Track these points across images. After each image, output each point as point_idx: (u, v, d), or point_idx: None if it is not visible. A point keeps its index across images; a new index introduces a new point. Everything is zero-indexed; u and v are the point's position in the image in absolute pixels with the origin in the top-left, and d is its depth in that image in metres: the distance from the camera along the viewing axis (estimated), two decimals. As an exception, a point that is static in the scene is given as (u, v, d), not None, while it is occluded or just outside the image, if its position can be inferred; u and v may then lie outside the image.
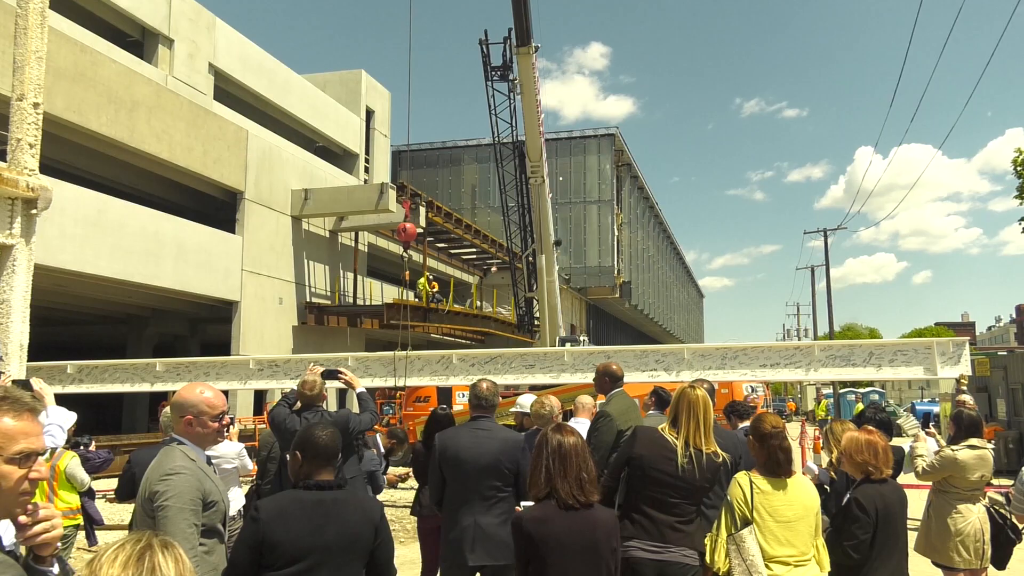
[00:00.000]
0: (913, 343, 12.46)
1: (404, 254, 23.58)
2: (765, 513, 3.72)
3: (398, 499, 13.50)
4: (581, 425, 5.87)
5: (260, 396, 24.49)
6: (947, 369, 11.92)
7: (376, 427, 8.42)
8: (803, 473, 5.08)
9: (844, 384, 58.16)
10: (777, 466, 3.82)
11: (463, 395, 19.39)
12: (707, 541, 3.84)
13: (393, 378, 14.93)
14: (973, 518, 5.38)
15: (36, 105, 7.95)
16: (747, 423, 6.37)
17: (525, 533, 3.26)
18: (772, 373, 12.94)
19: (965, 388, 11.21)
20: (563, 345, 29.28)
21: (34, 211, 7.99)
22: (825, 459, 5.57)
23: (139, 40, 23.49)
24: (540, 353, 15.97)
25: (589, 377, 14.35)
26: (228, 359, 17.47)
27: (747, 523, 3.70)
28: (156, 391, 16.62)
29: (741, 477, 3.84)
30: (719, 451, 3.93)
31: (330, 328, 27.08)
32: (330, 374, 6.29)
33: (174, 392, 3.88)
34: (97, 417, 24.04)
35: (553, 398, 6.28)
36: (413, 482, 7.49)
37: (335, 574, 3.15)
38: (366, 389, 6.21)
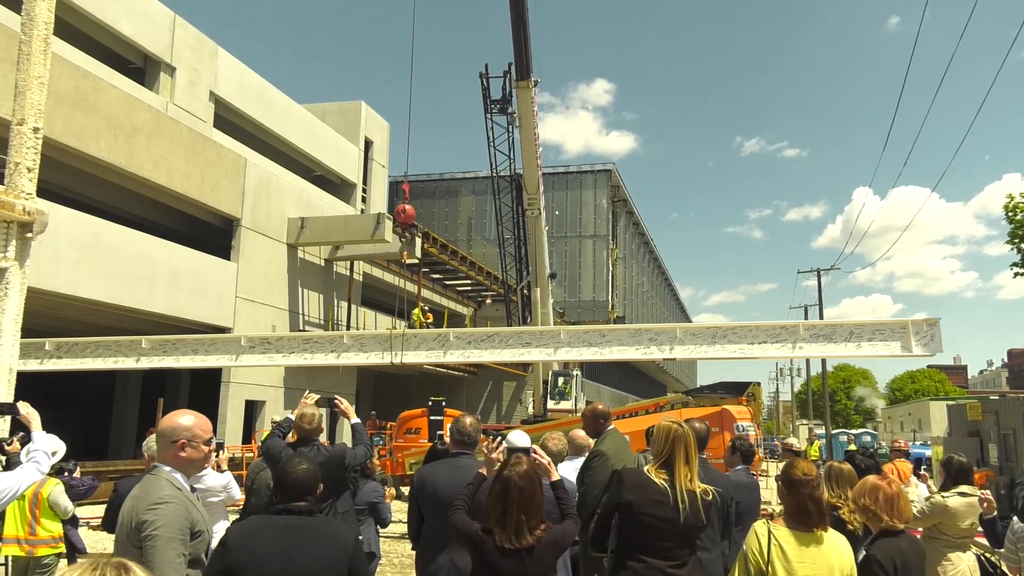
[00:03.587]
0: (890, 323, 13.29)
1: (403, 237, 23.48)
2: (781, 568, 3.39)
3: (389, 530, 13.30)
4: (575, 463, 5.82)
5: (249, 424, 24.32)
6: (921, 347, 12.71)
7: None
8: None
9: (836, 424, 58.02)
10: (807, 516, 3.46)
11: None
12: None
13: (390, 354, 14.92)
14: (963, 566, 5.34)
15: (36, 130, 7.98)
16: (745, 465, 6.28)
17: (471, 534, 3.55)
18: (760, 350, 13.59)
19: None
20: (556, 379, 29.28)
21: (29, 235, 7.98)
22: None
23: (141, 67, 23.68)
24: (536, 331, 16.31)
25: (585, 354, 14.59)
26: (218, 336, 17.44)
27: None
28: (142, 367, 16.45)
29: (759, 526, 3.54)
30: (708, 489, 3.81)
31: (322, 357, 26.94)
32: (325, 402, 6.18)
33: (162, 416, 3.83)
34: (83, 443, 23.81)
35: (559, 434, 6.20)
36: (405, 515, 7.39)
37: None
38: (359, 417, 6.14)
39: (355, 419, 5.99)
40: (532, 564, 3.43)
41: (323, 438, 5.76)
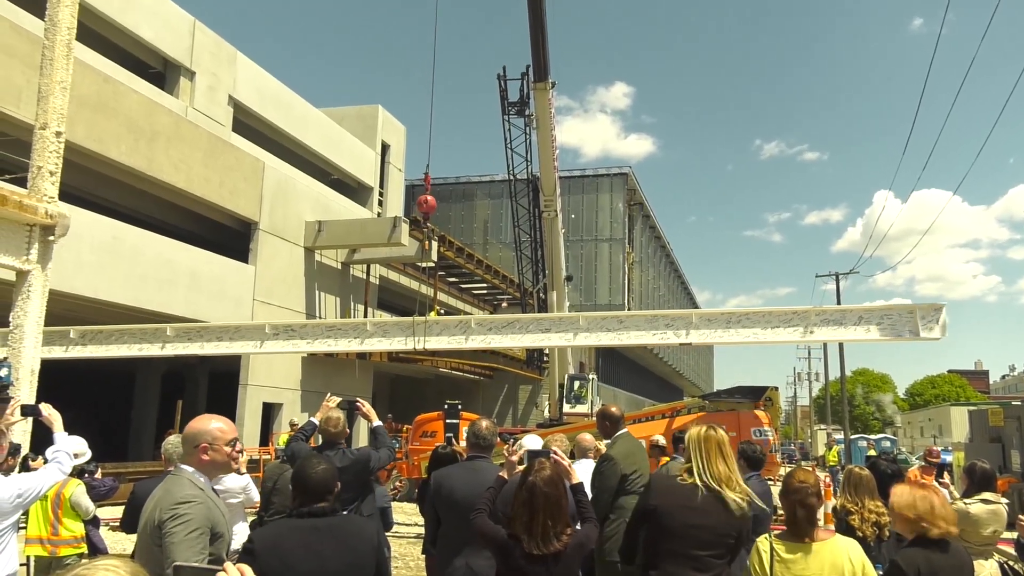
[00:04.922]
0: (897, 307, 13.95)
1: (424, 228, 23.66)
2: None
3: (403, 531, 13.35)
4: (584, 467, 5.80)
5: (267, 427, 24.44)
6: (927, 331, 13.22)
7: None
8: None
9: (855, 429, 57.56)
10: (795, 524, 3.42)
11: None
12: None
13: (412, 339, 15.20)
14: (985, 574, 5.28)
15: (59, 134, 8.08)
16: (757, 472, 6.20)
17: (497, 539, 3.53)
18: (773, 334, 14.14)
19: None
20: (572, 383, 29.24)
21: (51, 238, 8.08)
22: (832, 504, 5.47)
23: (161, 72, 23.90)
24: (556, 318, 16.94)
25: (603, 339, 15.29)
26: (243, 323, 17.73)
27: None
28: (167, 355, 16.60)
29: (762, 541, 3.46)
30: (741, 496, 3.63)
31: (339, 360, 27.08)
32: (347, 405, 6.19)
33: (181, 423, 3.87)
34: (102, 444, 24.02)
35: (563, 436, 6.21)
36: (419, 518, 7.41)
37: None
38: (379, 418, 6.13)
39: (376, 421, 6.01)
40: (560, 569, 3.43)
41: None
